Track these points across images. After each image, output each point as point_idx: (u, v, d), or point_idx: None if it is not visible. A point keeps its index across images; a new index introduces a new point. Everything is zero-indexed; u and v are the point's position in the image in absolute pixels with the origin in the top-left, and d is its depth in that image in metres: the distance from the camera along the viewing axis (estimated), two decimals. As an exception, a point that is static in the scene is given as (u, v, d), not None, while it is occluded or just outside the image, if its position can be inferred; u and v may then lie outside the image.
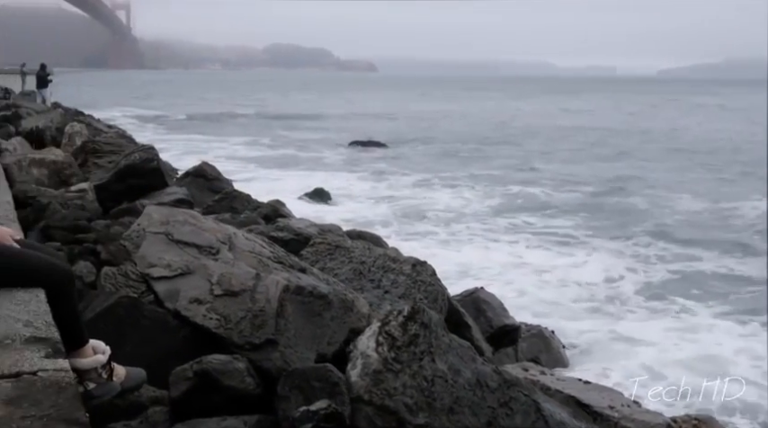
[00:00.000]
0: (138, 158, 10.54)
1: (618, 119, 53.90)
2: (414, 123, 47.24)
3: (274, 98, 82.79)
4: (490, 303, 7.08)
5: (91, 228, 8.28)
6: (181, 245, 5.31)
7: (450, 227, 15.12)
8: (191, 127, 42.27)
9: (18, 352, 2.40)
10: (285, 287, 4.85)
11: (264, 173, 23.02)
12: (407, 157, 29.19)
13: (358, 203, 17.57)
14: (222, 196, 10.46)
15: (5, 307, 2.78)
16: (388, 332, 3.97)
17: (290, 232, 7.84)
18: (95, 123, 24.91)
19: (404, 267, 6.10)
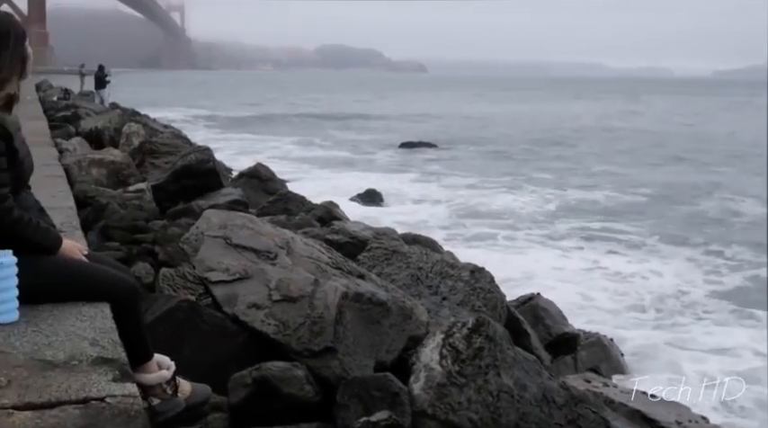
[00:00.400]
0: (193, 159, 10.61)
1: (675, 121, 52.86)
2: (464, 124, 46.94)
3: (325, 98, 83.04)
4: (548, 310, 6.95)
5: (148, 229, 8.35)
6: (239, 250, 5.30)
7: (507, 230, 14.84)
8: (243, 126, 42.57)
9: (85, 374, 2.35)
10: (344, 293, 4.80)
11: (316, 173, 22.99)
12: (460, 159, 28.85)
13: (411, 205, 17.37)
14: (277, 197, 10.47)
15: (71, 323, 2.74)
16: (452, 344, 3.89)
17: (345, 235, 7.80)
18: (151, 123, 25.19)
19: (462, 273, 6.02)
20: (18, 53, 2.96)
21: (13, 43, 2.94)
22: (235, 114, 52.99)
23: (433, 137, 35.45)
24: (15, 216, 2.83)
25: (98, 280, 3.02)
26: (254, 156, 25.13)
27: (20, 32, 2.99)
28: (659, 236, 14.89)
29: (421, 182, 21.68)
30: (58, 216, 4.53)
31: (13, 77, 2.96)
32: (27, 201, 3.04)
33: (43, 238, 2.94)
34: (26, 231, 2.87)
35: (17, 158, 2.93)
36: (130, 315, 2.99)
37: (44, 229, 2.95)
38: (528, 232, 14.71)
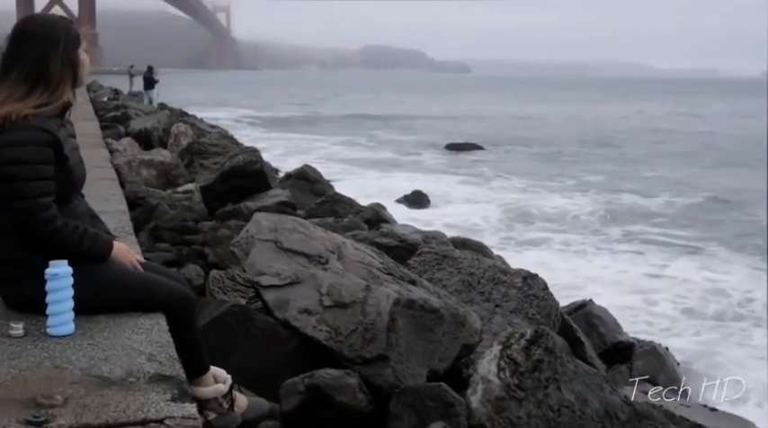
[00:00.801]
0: (241, 160, 10.64)
1: (726, 123, 51.68)
2: (510, 125, 46.54)
3: (369, 99, 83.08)
4: (602, 318, 6.80)
5: (198, 230, 8.37)
6: (290, 254, 5.25)
7: (558, 235, 14.56)
8: (288, 126, 42.74)
9: (143, 393, 2.28)
10: (396, 300, 4.72)
11: (361, 174, 22.90)
12: (507, 160, 28.51)
13: (458, 208, 17.12)
14: (325, 199, 10.45)
15: (128, 336, 2.69)
16: (510, 356, 3.79)
17: (394, 238, 7.73)
18: (199, 123, 25.43)
19: (514, 280, 5.91)
20: (69, 59, 2.87)
21: (64, 49, 2.85)
22: (280, 114, 53.26)
23: (479, 137, 35.18)
24: (58, 225, 2.77)
25: (154, 290, 2.96)
26: (300, 157, 25.19)
27: (72, 38, 2.90)
28: (717, 241, 14.49)
29: (469, 184, 21.41)
30: (111, 220, 4.50)
31: (66, 84, 2.88)
32: (79, 209, 2.99)
33: (92, 246, 2.87)
34: (71, 239, 2.81)
35: (66, 166, 2.87)
36: (186, 326, 2.94)
37: (92, 236, 2.88)
38: (580, 236, 14.42)
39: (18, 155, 2.71)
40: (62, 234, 2.78)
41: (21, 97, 2.77)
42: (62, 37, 2.84)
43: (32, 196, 2.72)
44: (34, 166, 2.71)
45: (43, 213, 2.74)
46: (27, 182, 2.71)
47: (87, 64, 2.98)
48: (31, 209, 2.72)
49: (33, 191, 2.72)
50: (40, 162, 2.73)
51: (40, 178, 2.73)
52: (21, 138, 2.71)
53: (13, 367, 2.39)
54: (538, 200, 18.99)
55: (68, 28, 2.90)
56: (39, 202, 2.73)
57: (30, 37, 2.84)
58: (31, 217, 2.73)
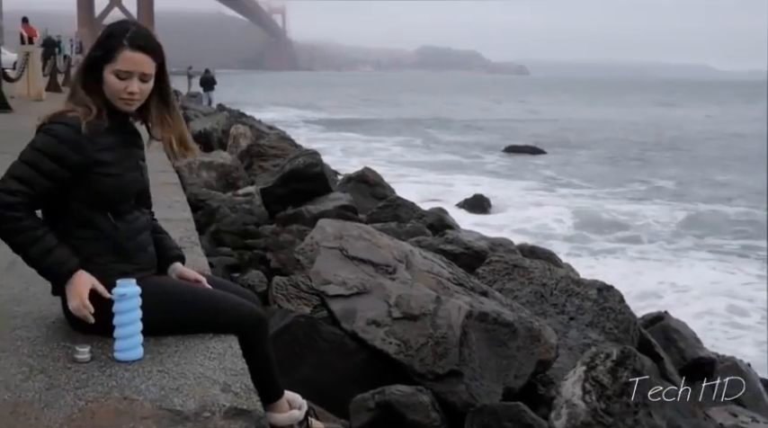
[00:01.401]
0: (302, 163, 10.54)
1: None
2: (570, 128, 45.80)
3: (426, 100, 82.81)
4: (681, 332, 6.49)
5: (259, 234, 8.29)
6: (356, 262, 5.08)
7: (630, 243, 14.07)
8: (345, 127, 42.74)
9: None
10: (468, 312, 4.52)
11: (419, 177, 22.66)
12: (570, 163, 27.92)
13: (522, 213, 16.69)
14: (386, 203, 10.29)
15: (200, 362, 2.49)
16: (596, 378, 3.57)
17: (459, 246, 7.53)
18: (257, 125, 25.48)
19: (589, 291, 5.65)
20: (93, 65, 2.68)
21: (93, 53, 2.68)
22: (336, 115, 53.34)
23: (539, 140, 34.72)
24: (7, 215, 2.50)
25: (224, 309, 2.76)
26: (359, 159, 25.10)
27: (103, 37, 2.71)
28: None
29: (532, 189, 20.92)
30: (176, 229, 4.36)
31: (84, 88, 2.68)
32: (138, 223, 2.76)
33: (38, 259, 2.57)
34: (13, 239, 2.55)
35: (104, 173, 2.61)
36: (259, 348, 2.75)
37: (43, 249, 2.54)
38: (653, 245, 13.90)
39: (37, 140, 2.61)
40: (4, 227, 2.53)
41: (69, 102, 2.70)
42: (102, 42, 2.67)
43: (10, 175, 2.55)
44: (38, 152, 2.55)
45: (3, 194, 2.50)
46: (19, 161, 2.57)
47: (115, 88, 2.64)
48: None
49: (15, 170, 2.55)
50: (47, 154, 2.55)
51: (32, 166, 2.54)
52: (53, 129, 2.58)
53: (80, 397, 2.22)
54: (607, 206, 18.39)
55: (113, 38, 2.66)
56: (8, 182, 2.53)
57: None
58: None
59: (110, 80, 2.63)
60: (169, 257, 2.93)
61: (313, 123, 45.66)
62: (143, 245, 2.78)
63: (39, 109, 13.83)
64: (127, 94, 2.64)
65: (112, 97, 2.66)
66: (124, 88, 2.64)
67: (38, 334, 2.73)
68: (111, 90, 2.65)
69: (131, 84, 2.64)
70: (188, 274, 2.90)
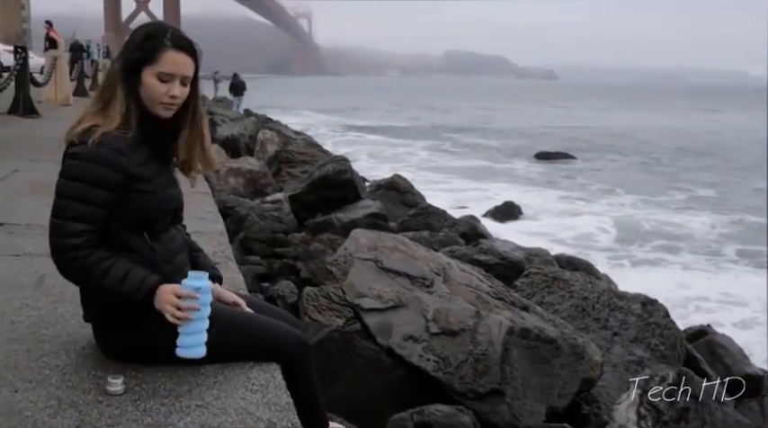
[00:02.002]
0: (331, 170, 10.41)
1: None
2: (601, 134, 45.18)
3: (454, 105, 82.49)
4: (727, 347, 6.25)
5: (289, 242, 8.17)
6: (391, 274, 4.91)
7: (671, 254, 13.56)
8: (372, 132, 42.59)
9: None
10: (509, 329, 4.34)
11: (449, 184, 22.33)
12: (603, 170, 27.32)
13: (555, 221, 16.19)
14: (418, 211, 10.11)
15: (241, 396, 2.30)
16: (652, 403, 3.37)
17: (494, 256, 7.34)
18: (284, 130, 25.40)
19: (632, 306, 5.44)
20: (126, 67, 2.45)
21: (129, 57, 2.45)
22: (364, 120, 53.20)
23: (569, 146, 34.31)
24: (80, 255, 2.34)
25: (266, 335, 2.57)
26: (386, 164, 24.90)
27: (137, 41, 2.48)
28: None
29: (564, 196, 20.40)
30: (209, 243, 4.20)
31: (121, 97, 2.44)
32: (175, 242, 2.58)
33: (119, 286, 2.38)
34: (90, 273, 2.36)
35: (146, 190, 2.44)
36: (304, 378, 2.56)
37: (118, 275, 2.37)
38: (695, 255, 13.43)
39: (72, 170, 2.37)
40: (81, 265, 2.36)
41: (95, 112, 2.44)
42: (137, 44, 2.44)
43: (65, 217, 2.35)
44: (81, 184, 2.34)
45: (69, 238, 2.34)
46: (66, 200, 2.36)
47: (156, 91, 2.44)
48: (58, 230, 2.36)
49: (67, 210, 2.35)
50: (91, 182, 2.34)
51: (82, 201, 2.34)
52: (84, 153, 2.34)
53: (113, 435, 2.05)
54: (646, 215, 17.81)
55: (151, 39, 2.44)
56: (68, 225, 2.34)
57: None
58: (56, 239, 2.36)
59: (150, 83, 2.42)
60: None
61: (339, 128, 45.54)
62: (180, 266, 2.57)
63: (66, 113, 13.76)
64: (168, 98, 2.44)
65: (151, 102, 2.44)
66: (166, 92, 2.43)
67: (67, 361, 2.55)
68: (152, 94, 2.43)
69: (173, 88, 2.44)
70: (226, 297, 2.69)
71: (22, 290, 3.28)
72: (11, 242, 4.28)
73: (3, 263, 3.81)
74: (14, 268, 3.69)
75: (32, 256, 3.92)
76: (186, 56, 2.46)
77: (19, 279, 3.46)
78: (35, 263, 3.76)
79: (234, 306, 2.67)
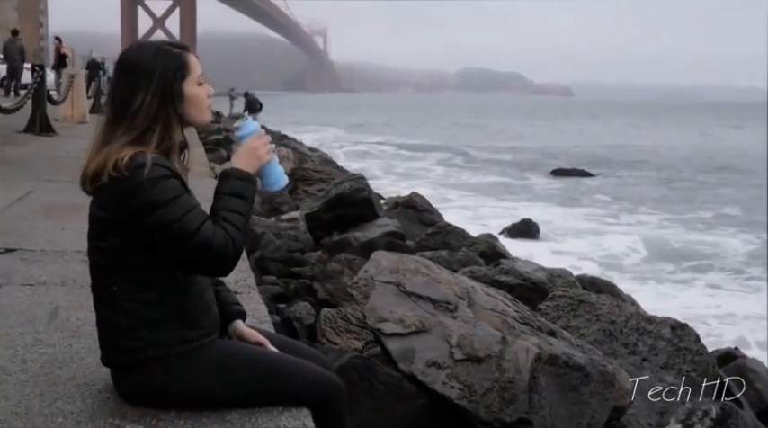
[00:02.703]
0: (348, 188, 10.33)
1: None
2: (618, 150, 44.74)
3: (468, 121, 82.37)
4: (758, 372, 6.06)
5: (305, 261, 8.06)
6: (414, 298, 4.78)
7: (698, 273, 13.17)
8: (386, 148, 42.53)
9: None
10: (537, 355, 4.19)
11: (464, 200, 22.14)
12: (622, 188, 26.90)
13: (574, 240, 15.87)
14: (435, 230, 9.99)
15: None
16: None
17: (516, 277, 7.18)
18: (299, 147, 25.39)
19: (662, 330, 5.28)
20: (165, 92, 2.23)
21: (158, 80, 2.23)
22: (377, 137, 53.18)
23: (586, 163, 34.04)
24: (229, 242, 2.17)
25: (298, 379, 2.36)
26: (401, 181, 24.80)
27: (171, 66, 2.26)
28: None
29: (584, 214, 19.98)
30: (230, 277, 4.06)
31: (162, 123, 2.23)
32: (201, 279, 2.35)
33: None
34: (242, 236, 2.23)
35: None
36: (337, 423, 2.38)
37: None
38: (722, 276, 13.05)
39: (148, 197, 2.13)
40: (238, 248, 2.22)
41: (106, 140, 2.24)
42: (156, 65, 2.23)
43: (196, 229, 2.13)
44: (173, 202, 2.14)
45: (215, 241, 2.14)
46: (181, 220, 2.13)
47: (203, 98, 2.32)
48: (205, 245, 2.13)
49: (192, 223, 2.13)
50: (178, 192, 2.17)
51: (189, 208, 2.16)
52: (139, 180, 2.12)
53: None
54: (670, 234, 17.38)
55: (167, 54, 2.27)
56: (205, 233, 2.14)
57: (120, 69, 2.29)
58: (210, 252, 2.14)
59: (195, 92, 2.31)
60: (229, 314, 2.54)
61: (353, 143, 45.50)
62: (208, 304, 2.39)
63: (83, 131, 13.67)
64: (209, 99, 2.38)
65: (199, 112, 2.33)
66: (208, 93, 2.36)
67: (82, 406, 2.37)
68: (200, 102, 2.32)
69: (208, 87, 2.37)
70: (248, 335, 2.51)
71: (35, 324, 3.15)
72: (24, 270, 4.15)
73: (16, 293, 3.67)
74: (28, 299, 3.55)
75: (47, 286, 3.79)
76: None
77: (32, 311, 3.32)
78: (50, 293, 3.64)
79: (258, 345, 2.49)
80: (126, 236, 2.21)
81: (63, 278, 3.93)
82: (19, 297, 3.59)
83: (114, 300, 2.26)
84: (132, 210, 2.16)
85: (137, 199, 2.15)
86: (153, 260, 2.23)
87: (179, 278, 2.26)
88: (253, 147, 2.35)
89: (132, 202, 2.15)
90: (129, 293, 2.24)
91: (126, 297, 2.25)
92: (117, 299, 2.25)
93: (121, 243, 2.22)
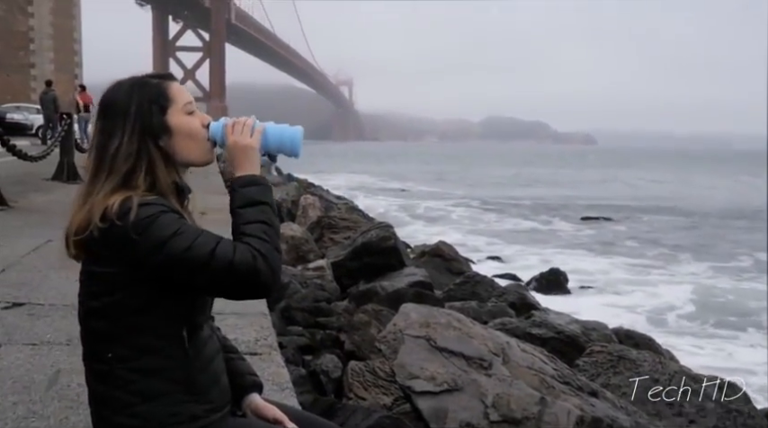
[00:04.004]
0: (374, 236, 10.17)
1: None
2: (645, 198, 44.39)
3: (492, 171, 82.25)
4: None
5: (332, 311, 7.88)
6: (445, 354, 4.55)
7: (739, 330, 12.45)
8: (412, 196, 42.44)
9: None
10: (579, 418, 3.93)
11: (491, 248, 21.82)
12: (652, 235, 26.28)
13: (606, 290, 15.36)
14: (464, 280, 9.76)
15: None
16: None
17: (549, 329, 6.92)
18: (326, 195, 25.32)
19: (708, 389, 4.98)
20: (144, 128, 1.93)
21: (135, 117, 1.93)
22: (402, 184, 53.21)
23: (612, 210, 33.63)
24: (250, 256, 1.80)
25: None
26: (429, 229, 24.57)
27: (147, 97, 1.96)
28: None
29: (615, 263, 19.42)
30: (249, 328, 3.84)
31: (145, 165, 1.92)
32: (211, 345, 2.03)
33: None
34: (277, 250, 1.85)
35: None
36: None
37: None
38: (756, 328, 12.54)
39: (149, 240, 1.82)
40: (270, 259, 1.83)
41: (89, 194, 1.93)
42: (131, 100, 1.95)
43: (210, 251, 1.80)
44: (176, 234, 1.82)
45: (238, 258, 1.79)
46: (191, 248, 1.81)
47: (195, 128, 1.98)
48: (227, 265, 1.79)
49: (205, 247, 1.80)
50: (178, 226, 1.83)
51: (197, 234, 1.83)
52: (133, 225, 1.82)
53: None
54: (709, 283, 16.78)
55: (143, 86, 1.98)
56: (222, 253, 1.79)
57: (99, 112, 2.01)
58: (237, 272, 1.80)
59: (183, 123, 1.97)
60: (243, 386, 2.19)
61: (378, 191, 45.48)
62: (217, 375, 2.05)
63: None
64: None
65: (194, 146, 1.99)
66: (203, 123, 2.01)
67: None
68: (193, 136, 1.98)
69: (203, 116, 2.04)
70: (266, 411, 2.17)
71: (31, 392, 2.88)
72: (29, 326, 3.92)
73: (16, 354, 3.41)
74: (28, 361, 3.29)
75: (51, 346, 3.55)
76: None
77: (31, 375, 3.07)
78: (53, 354, 3.39)
79: (276, 423, 2.16)
80: (124, 293, 1.89)
81: (69, 336, 3.68)
82: (19, 358, 3.35)
83: (109, 370, 1.93)
84: (133, 260, 1.85)
85: (136, 246, 1.83)
86: (155, 320, 1.91)
87: (184, 341, 1.94)
88: (232, 143, 1.99)
89: (131, 251, 1.84)
90: (127, 361, 1.91)
91: (122, 365, 1.91)
92: (112, 369, 1.92)
93: (119, 300, 1.89)
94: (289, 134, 2.08)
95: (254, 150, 2.01)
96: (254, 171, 2.00)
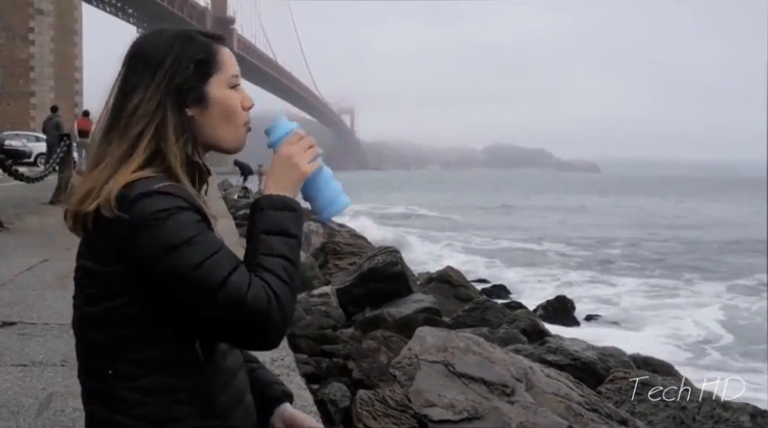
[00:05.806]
0: (381, 261, 9.92)
1: None
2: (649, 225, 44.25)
3: (495, 198, 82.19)
4: None
5: (338, 339, 7.62)
6: (465, 380, 4.30)
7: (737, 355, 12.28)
8: (414, 224, 42.23)
9: None
10: (610, 448, 3.66)
11: (491, 272, 21.59)
12: (661, 259, 25.96)
13: (616, 317, 15.04)
14: (473, 306, 9.50)
15: None
16: None
17: (565, 356, 6.66)
18: (328, 222, 25.11)
19: (740, 417, 4.72)
20: (175, 89, 1.58)
21: (167, 73, 1.58)
22: (404, 209, 53.06)
23: (619, 239, 33.41)
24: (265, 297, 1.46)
25: None
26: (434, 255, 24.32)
27: (189, 53, 1.60)
28: None
29: (626, 287, 19.10)
30: (265, 355, 3.60)
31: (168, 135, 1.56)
32: (232, 359, 1.66)
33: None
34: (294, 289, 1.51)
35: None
36: None
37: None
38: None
39: (153, 242, 1.46)
40: (285, 305, 1.49)
41: (99, 158, 1.58)
42: (169, 53, 1.60)
43: (224, 278, 1.45)
44: (189, 242, 1.46)
45: (251, 296, 1.45)
46: (201, 267, 1.46)
47: (235, 107, 1.65)
48: (236, 301, 1.45)
49: (218, 270, 1.46)
50: (195, 232, 1.48)
51: (214, 249, 1.48)
52: (136, 220, 1.46)
53: None
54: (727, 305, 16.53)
55: (189, 41, 1.62)
56: (236, 284, 1.45)
57: (125, 59, 1.64)
58: (245, 314, 1.46)
59: (224, 97, 1.64)
60: (272, 397, 1.86)
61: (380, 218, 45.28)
62: (240, 392, 1.69)
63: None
64: (248, 115, 1.70)
65: (229, 127, 1.66)
66: (245, 105, 1.69)
67: None
68: (230, 114, 1.65)
69: (247, 95, 1.70)
70: (302, 421, 1.83)
71: (19, 418, 2.58)
72: (20, 347, 3.66)
73: (3, 375, 3.14)
74: (18, 384, 3.03)
75: (42, 367, 3.29)
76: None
77: (20, 399, 2.79)
78: (44, 376, 3.12)
79: None
80: (128, 296, 1.53)
81: (65, 356, 3.43)
82: (7, 381, 3.08)
83: (109, 390, 1.56)
84: (131, 262, 1.50)
85: (137, 245, 1.48)
86: (164, 329, 1.55)
87: (198, 355, 1.58)
88: (287, 155, 1.65)
89: (131, 252, 1.49)
90: (130, 379, 1.54)
91: (125, 384, 1.55)
92: (113, 388, 1.55)
93: (121, 306, 1.53)
94: (336, 192, 1.70)
95: (303, 174, 1.66)
96: (292, 194, 1.63)
